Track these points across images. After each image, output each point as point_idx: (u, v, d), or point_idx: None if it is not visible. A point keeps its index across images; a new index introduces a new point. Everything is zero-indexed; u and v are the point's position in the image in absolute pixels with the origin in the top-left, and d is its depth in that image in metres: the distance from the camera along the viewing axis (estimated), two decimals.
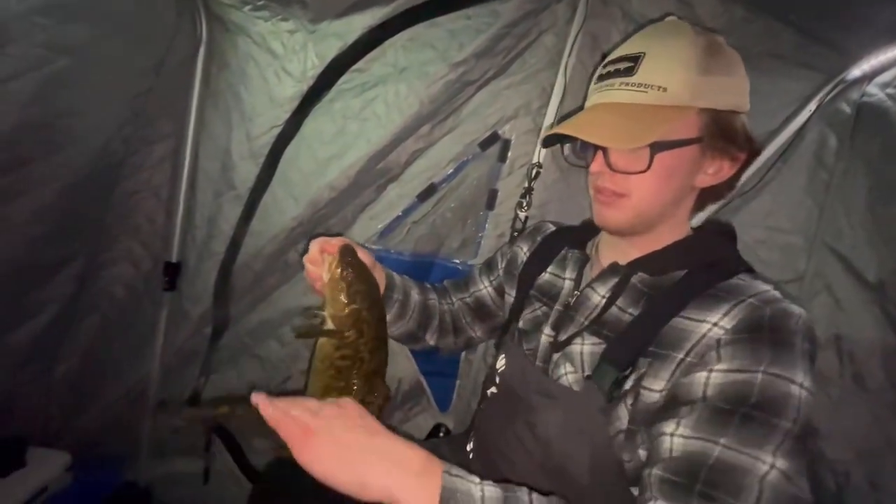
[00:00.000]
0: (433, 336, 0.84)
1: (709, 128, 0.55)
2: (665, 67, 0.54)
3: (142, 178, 1.14)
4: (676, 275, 0.58)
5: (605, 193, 0.59)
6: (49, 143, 0.92)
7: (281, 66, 1.06)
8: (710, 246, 0.61)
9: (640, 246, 0.62)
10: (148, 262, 1.20)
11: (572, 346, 0.61)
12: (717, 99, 0.54)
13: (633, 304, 0.59)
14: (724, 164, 0.57)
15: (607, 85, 0.58)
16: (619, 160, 0.56)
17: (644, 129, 0.53)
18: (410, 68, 1.01)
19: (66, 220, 1.03)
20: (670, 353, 0.52)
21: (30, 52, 0.80)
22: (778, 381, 0.46)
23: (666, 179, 0.56)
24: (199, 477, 1.24)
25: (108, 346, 1.24)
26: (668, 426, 0.49)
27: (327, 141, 1.08)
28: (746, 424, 0.46)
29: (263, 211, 1.12)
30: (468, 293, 0.87)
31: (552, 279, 0.71)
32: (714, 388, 0.48)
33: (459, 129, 1.07)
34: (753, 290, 0.52)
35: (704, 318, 0.51)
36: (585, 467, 0.56)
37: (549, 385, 0.62)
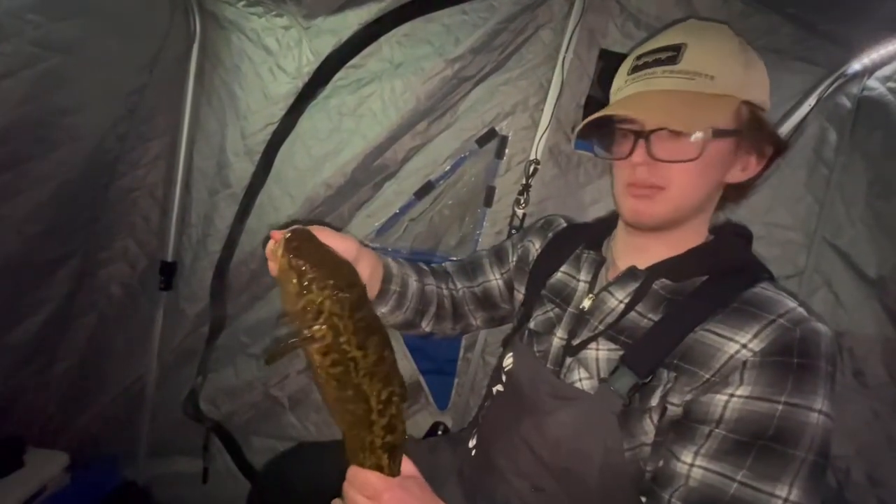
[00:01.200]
0: (429, 323, 0.81)
1: (748, 121, 0.54)
2: (711, 56, 0.53)
3: (137, 176, 1.13)
4: (697, 280, 0.57)
5: (642, 186, 0.56)
6: (44, 141, 0.91)
7: (275, 63, 1.05)
8: (730, 251, 0.60)
9: (660, 247, 0.60)
10: (144, 261, 1.20)
11: (587, 352, 0.60)
12: (755, 92, 0.54)
13: (653, 310, 0.57)
14: (752, 160, 0.56)
15: (647, 74, 0.55)
16: (662, 149, 0.54)
17: (700, 113, 0.52)
18: (406, 64, 1.00)
19: (63, 218, 1.02)
20: (697, 371, 0.51)
21: (22, 49, 0.79)
22: (797, 412, 0.47)
23: (705, 171, 0.55)
24: (198, 476, 1.24)
25: (105, 346, 1.24)
26: (686, 454, 0.50)
27: (323, 138, 1.07)
28: (763, 458, 0.47)
29: (259, 209, 1.11)
30: (476, 283, 0.84)
31: (565, 279, 0.70)
32: (733, 414, 0.48)
33: (456, 125, 1.07)
34: (782, 307, 0.51)
35: (733, 336, 0.50)
36: (595, 470, 0.56)
37: (563, 388, 0.60)
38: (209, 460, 1.23)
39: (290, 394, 1.19)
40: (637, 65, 0.57)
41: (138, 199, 1.16)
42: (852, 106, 0.92)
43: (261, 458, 1.22)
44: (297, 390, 1.19)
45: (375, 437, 0.51)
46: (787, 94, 0.96)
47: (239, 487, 1.21)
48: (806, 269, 0.96)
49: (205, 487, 1.24)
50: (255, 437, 1.24)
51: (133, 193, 1.15)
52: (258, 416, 1.22)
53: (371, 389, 0.50)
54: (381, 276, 0.70)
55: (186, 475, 1.25)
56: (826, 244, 0.94)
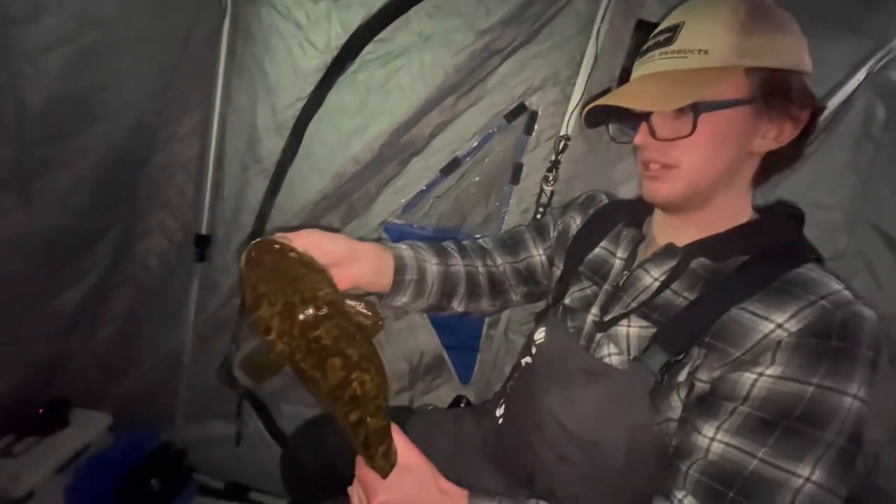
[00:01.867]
0: (461, 303, 0.79)
1: (762, 88, 0.52)
2: (705, 31, 0.52)
3: (172, 151, 1.16)
4: (738, 260, 0.55)
5: (653, 166, 0.57)
6: (85, 115, 0.94)
7: (305, 38, 1.04)
8: (776, 230, 0.58)
9: (698, 224, 0.59)
10: (179, 234, 1.23)
11: (618, 328, 0.60)
12: (766, 57, 0.51)
13: (690, 289, 0.56)
14: (786, 125, 0.54)
15: (647, 58, 0.56)
16: (663, 128, 0.54)
17: (685, 90, 0.51)
18: (436, 37, 0.99)
19: (103, 191, 1.06)
20: (727, 349, 0.50)
21: (64, 23, 0.81)
22: (829, 395, 0.45)
23: (717, 145, 0.53)
24: (231, 439, 1.30)
25: (143, 315, 1.29)
26: (708, 428, 0.49)
27: (351, 113, 1.07)
28: (787, 437, 0.46)
29: (289, 185, 1.13)
30: (519, 258, 0.82)
31: (604, 255, 0.69)
32: (760, 393, 0.47)
33: (485, 100, 1.05)
34: (825, 289, 0.48)
35: (769, 315, 0.49)
36: (623, 446, 0.56)
37: (593, 362, 0.61)
38: (241, 424, 1.29)
39: None
40: (643, 50, 0.58)
41: (174, 173, 1.19)
42: None
43: (290, 423, 1.27)
44: None
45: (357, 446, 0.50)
46: (833, 67, 0.92)
47: (269, 451, 1.26)
48: (846, 252, 0.93)
49: (237, 450, 1.31)
50: (285, 404, 1.29)
51: (169, 168, 1.18)
52: (288, 385, 1.26)
53: (338, 411, 0.48)
54: (393, 267, 0.69)
55: (220, 438, 1.32)
56: (868, 226, 0.91)
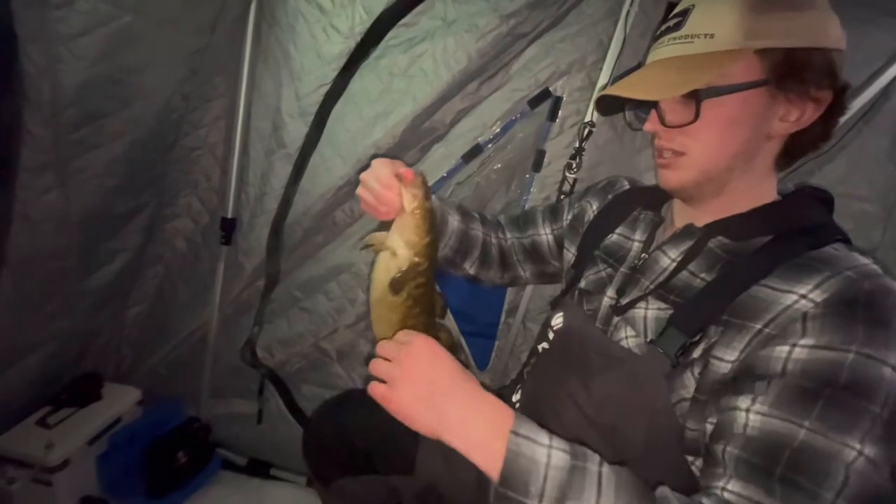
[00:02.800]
0: (472, 266, 0.82)
1: (777, 69, 0.50)
2: (712, 14, 0.51)
3: (199, 135, 1.18)
4: (760, 241, 0.53)
5: (665, 153, 0.56)
6: (117, 98, 0.96)
7: (329, 22, 1.05)
8: (800, 211, 0.55)
9: (718, 209, 0.57)
10: (206, 217, 1.26)
11: (635, 311, 0.59)
12: (779, 37, 0.49)
13: (708, 270, 0.55)
14: (807, 107, 0.51)
15: (658, 44, 0.56)
16: (671, 115, 0.54)
17: (686, 77, 0.50)
18: (459, 21, 0.98)
19: (135, 173, 1.10)
20: (746, 323, 0.48)
21: (97, 7, 0.83)
22: (870, 363, 0.42)
23: (725, 130, 0.52)
24: (254, 417, 1.34)
25: (171, 295, 1.33)
26: (743, 401, 0.46)
27: (374, 99, 1.08)
28: (833, 407, 0.42)
29: (312, 170, 1.14)
30: (525, 234, 0.84)
31: (620, 240, 0.69)
32: (797, 364, 0.44)
33: (508, 85, 1.04)
34: (851, 261, 0.47)
35: (791, 287, 0.47)
36: (642, 431, 0.55)
37: (611, 346, 0.60)
38: (263, 403, 1.33)
39: (337, 347, 1.25)
40: (656, 35, 0.57)
41: (200, 157, 1.21)
42: None
43: (309, 403, 1.30)
44: (344, 343, 1.25)
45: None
46: (874, 53, 0.88)
47: (290, 428, 1.30)
48: (881, 245, 0.90)
49: (259, 427, 1.35)
50: (305, 384, 1.32)
51: (196, 152, 1.21)
52: (308, 366, 1.29)
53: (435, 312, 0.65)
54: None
55: (243, 415, 1.36)
56: None
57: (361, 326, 1.23)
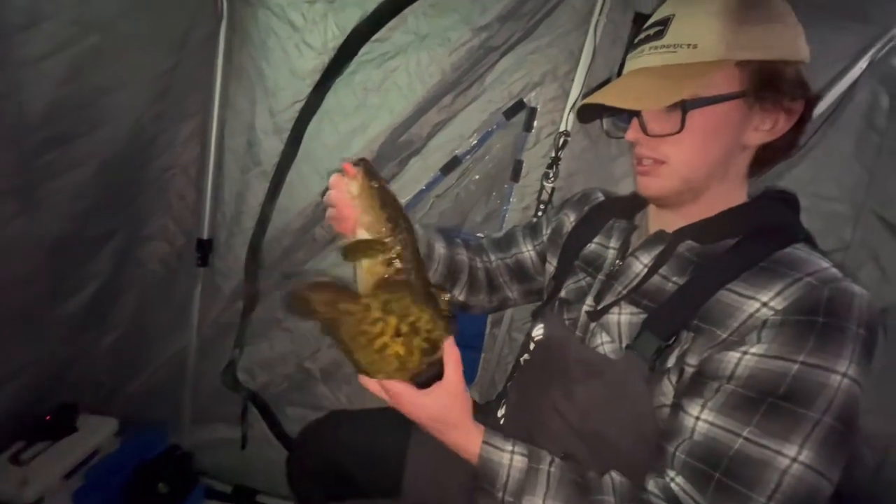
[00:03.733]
0: (462, 292, 0.82)
1: (753, 80, 0.51)
2: (695, 23, 0.51)
3: (172, 155, 1.16)
4: (727, 243, 0.55)
5: (645, 161, 0.57)
6: (86, 120, 0.94)
7: (301, 39, 1.05)
8: (766, 212, 0.57)
9: (691, 214, 0.58)
10: (181, 239, 1.24)
11: (609, 316, 0.60)
12: (758, 49, 0.51)
13: (679, 273, 0.56)
14: (780, 117, 0.53)
15: (637, 52, 0.56)
16: (653, 124, 0.54)
17: (672, 87, 0.50)
18: (432, 35, 0.99)
19: (106, 196, 1.06)
20: (714, 330, 0.50)
21: (62, 28, 0.81)
22: (815, 372, 0.45)
23: (707, 140, 0.53)
24: (238, 442, 1.30)
25: (148, 319, 1.29)
26: (694, 407, 0.49)
27: (349, 114, 1.08)
28: (772, 415, 0.45)
29: (289, 186, 1.13)
30: (509, 254, 0.85)
31: (598, 249, 0.70)
32: (745, 371, 0.47)
33: (483, 97, 1.05)
34: (812, 266, 0.48)
35: (754, 294, 0.49)
36: (627, 436, 0.56)
37: (590, 354, 0.61)
38: (247, 427, 1.30)
39: (321, 366, 1.23)
40: (635, 42, 0.57)
41: (174, 177, 1.19)
42: None
43: (295, 426, 1.27)
44: (328, 363, 1.23)
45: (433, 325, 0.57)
46: (835, 56, 0.90)
47: (275, 453, 1.27)
48: (852, 243, 0.92)
49: (244, 453, 1.31)
50: (290, 406, 1.29)
51: (169, 172, 1.18)
52: (292, 387, 1.27)
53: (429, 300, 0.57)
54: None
55: (226, 441, 1.32)
56: (874, 216, 0.90)
57: None
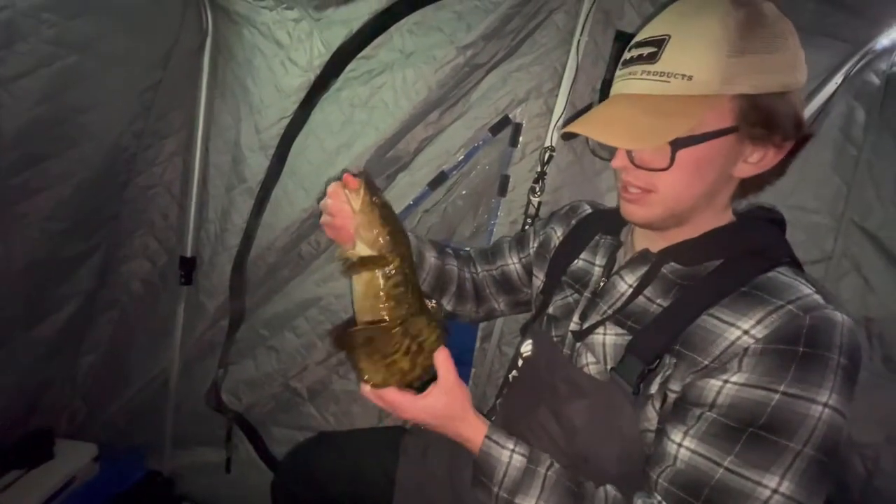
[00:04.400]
0: (450, 301, 0.81)
1: (746, 115, 0.49)
2: (690, 52, 0.48)
3: (154, 173, 1.15)
4: (712, 265, 0.54)
5: (632, 188, 0.55)
6: (62, 139, 0.93)
7: (287, 56, 1.04)
8: (750, 234, 0.56)
9: (676, 235, 0.58)
10: (163, 257, 1.22)
11: (594, 336, 0.59)
12: (754, 82, 0.48)
13: (663, 295, 0.56)
14: (769, 151, 0.51)
15: (629, 73, 0.52)
16: (641, 155, 0.52)
17: (664, 125, 0.48)
18: (418, 53, 0.99)
19: (84, 216, 1.05)
20: (696, 357, 0.50)
21: (39, 48, 0.80)
22: (795, 402, 0.44)
23: (695, 173, 0.51)
24: (222, 466, 1.26)
25: (128, 340, 1.27)
26: (676, 434, 0.49)
27: (335, 131, 1.07)
28: (753, 445, 0.45)
29: (275, 203, 1.12)
30: (495, 266, 0.85)
31: (585, 265, 0.69)
32: (726, 400, 0.47)
33: (469, 114, 1.05)
34: (794, 292, 0.47)
35: (736, 321, 0.48)
36: (614, 459, 0.55)
37: (576, 374, 0.60)
38: (232, 450, 1.26)
39: (308, 385, 1.21)
40: (626, 58, 0.54)
41: (156, 195, 1.17)
42: (881, 83, 0.89)
43: (282, 447, 1.24)
44: (315, 382, 1.20)
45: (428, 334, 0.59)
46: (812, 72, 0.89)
47: (261, 476, 1.23)
48: (833, 254, 0.93)
49: (228, 477, 1.27)
50: (276, 427, 1.25)
51: (151, 190, 1.17)
52: (278, 407, 1.24)
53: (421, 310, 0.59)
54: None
55: (210, 465, 1.28)
56: (855, 227, 0.91)
57: (333, 362, 1.19)
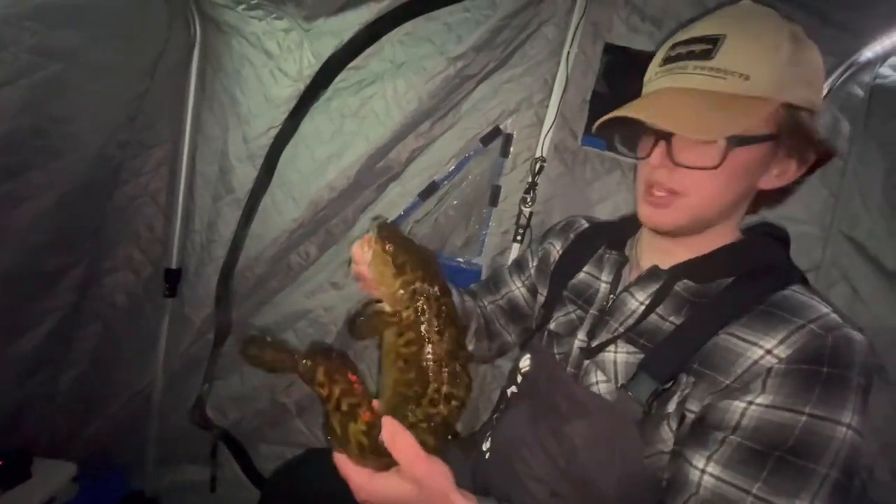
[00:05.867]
0: (471, 341, 0.78)
1: (787, 124, 0.49)
2: (750, 52, 0.48)
3: (139, 183, 1.13)
4: (723, 282, 0.54)
5: (659, 191, 0.53)
6: (44, 150, 0.90)
7: (277, 66, 1.04)
8: (761, 252, 0.56)
9: (686, 249, 0.57)
10: (148, 269, 1.19)
11: (605, 354, 0.58)
12: (801, 93, 0.48)
13: (675, 313, 0.54)
14: (792, 165, 0.51)
15: (679, 68, 0.51)
16: (684, 153, 0.50)
17: (724, 119, 0.47)
18: (408, 63, 0.99)
19: (66, 227, 1.02)
20: (716, 376, 0.48)
21: (21, 57, 0.78)
22: (822, 424, 0.43)
23: (732, 179, 0.51)
24: (207, 484, 1.23)
25: (111, 355, 1.23)
26: (699, 459, 0.47)
27: (326, 141, 1.06)
28: (781, 470, 0.44)
29: (263, 214, 1.10)
30: (500, 295, 0.82)
31: (588, 279, 0.67)
32: (751, 422, 0.45)
33: (460, 124, 1.06)
34: (813, 311, 0.47)
35: (757, 340, 0.47)
36: (614, 480, 0.53)
37: (580, 392, 0.58)
38: (217, 468, 1.22)
39: (296, 400, 1.18)
40: (671, 55, 0.53)
41: (142, 206, 1.15)
42: (865, 95, 0.90)
43: (269, 464, 1.21)
44: (303, 396, 1.18)
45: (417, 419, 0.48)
46: None
47: (248, 495, 1.20)
48: (822, 264, 0.94)
49: (213, 496, 1.23)
50: (264, 443, 1.23)
51: (136, 201, 1.14)
52: (266, 423, 1.21)
53: (435, 377, 0.48)
54: None
55: (195, 484, 1.25)
56: (842, 237, 0.92)
57: None
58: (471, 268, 1.16)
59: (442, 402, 0.48)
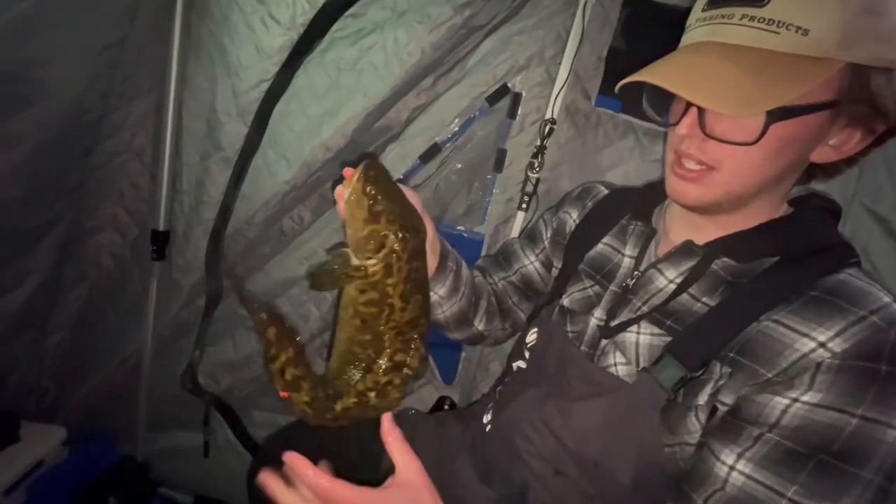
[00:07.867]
0: (481, 320, 0.73)
1: (852, 88, 0.41)
2: (810, 1, 0.40)
3: (122, 138, 1.06)
4: (766, 262, 0.48)
5: (689, 163, 0.47)
6: (16, 97, 0.84)
7: (268, 13, 0.95)
8: (810, 228, 0.49)
9: (723, 224, 0.51)
10: (134, 230, 1.14)
11: (626, 335, 0.53)
12: (872, 50, 0.40)
13: (710, 293, 0.49)
14: (856, 134, 0.44)
15: (723, 15, 0.43)
16: (718, 124, 0.44)
17: (768, 88, 0.40)
18: (411, 11, 0.91)
19: (43, 183, 0.96)
20: (757, 369, 0.43)
21: None
22: (873, 427, 0.39)
23: (776, 154, 0.44)
24: (199, 450, 1.21)
25: (98, 318, 1.19)
26: (728, 455, 0.43)
27: (320, 96, 0.99)
28: (822, 474, 0.40)
29: (254, 174, 1.04)
30: (512, 271, 0.77)
31: (608, 252, 0.61)
32: (793, 421, 0.41)
33: (465, 81, 0.98)
34: (875, 301, 0.42)
35: (809, 331, 0.42)
36: (629, 468, 0.49)
37: (596, 373, 0.54)
38: (210, 434, 1.21)
39: None
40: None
41: (125, 163, 1.09)
42: None
43: (262, 431, 1.19)
44: None
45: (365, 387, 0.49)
46: None
47: (241, 461, 1.19)
48: None
49: (206, 461, 1.22)
50: (257, 410, 1.21)
51: (119, 157, 1.08)
52: (259, 391, 1.19)
53: (390, 344, 0.48)
54: (439, 249, 0.63)
55: (187, 449, 1.23)
56: (864, 209, 0.88)
57: (316, 344, 1.13)
58: (472, 237, 1.11)
59: (392, 372, 0.48)
